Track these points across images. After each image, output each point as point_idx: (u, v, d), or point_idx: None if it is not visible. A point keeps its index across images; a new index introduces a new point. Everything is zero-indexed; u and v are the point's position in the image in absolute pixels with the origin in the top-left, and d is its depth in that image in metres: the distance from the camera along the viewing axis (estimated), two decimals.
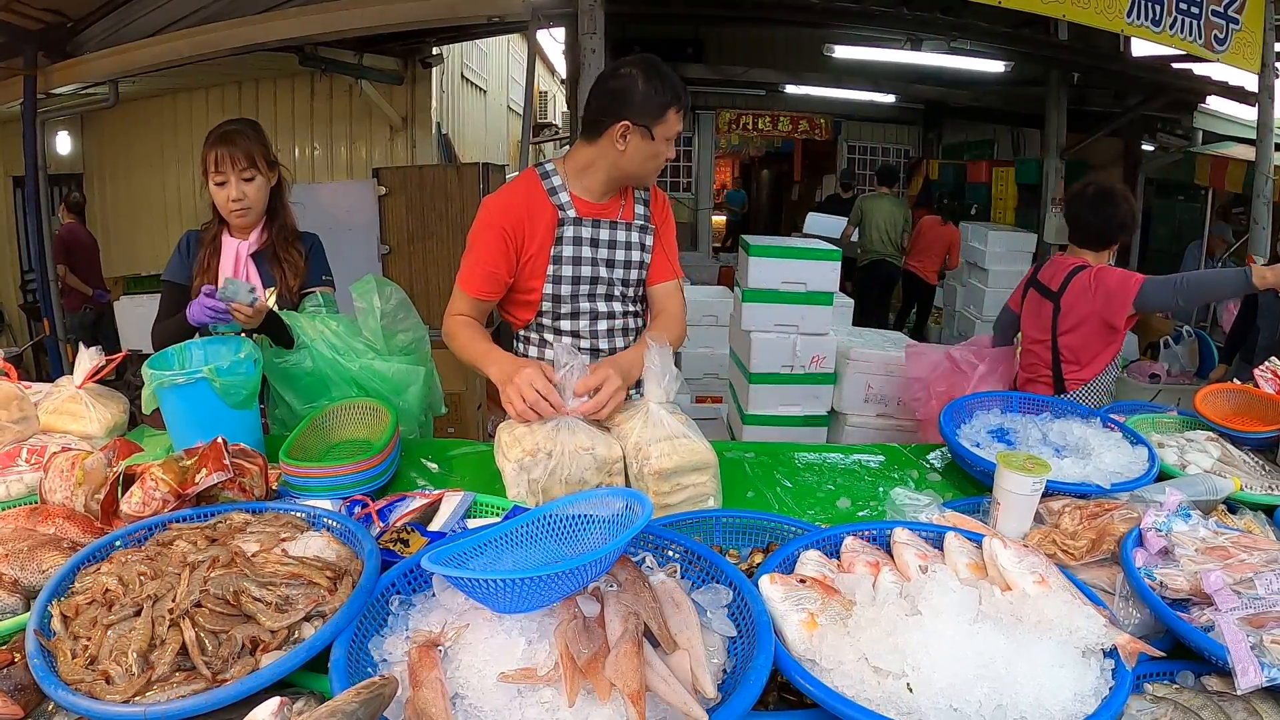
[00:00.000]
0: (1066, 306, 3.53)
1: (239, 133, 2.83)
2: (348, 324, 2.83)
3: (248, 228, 2.94)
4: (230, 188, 2.82)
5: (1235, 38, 6.34)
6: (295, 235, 3.03)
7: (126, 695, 1.22)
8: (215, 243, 2.94)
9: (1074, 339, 3.55)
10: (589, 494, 1.60)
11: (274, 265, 2.95)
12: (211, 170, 2.82)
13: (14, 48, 7.22)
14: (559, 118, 16.91)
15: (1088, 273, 3.47)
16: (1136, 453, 2.34)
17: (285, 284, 2.94)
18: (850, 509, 2.30)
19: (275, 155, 2.98)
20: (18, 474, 2.15)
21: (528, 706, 1.21)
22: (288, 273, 2.96)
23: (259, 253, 2.95)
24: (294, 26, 6.91)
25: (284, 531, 1.67)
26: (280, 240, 2.97)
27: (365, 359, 2.78)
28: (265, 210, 2.96)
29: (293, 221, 3.04)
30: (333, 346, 2.75)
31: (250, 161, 2.82)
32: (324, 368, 2.72)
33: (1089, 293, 3.43)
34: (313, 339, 2.74)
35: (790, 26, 11.22)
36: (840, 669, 1.30)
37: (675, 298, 2.76)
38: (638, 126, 2.44)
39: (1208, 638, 1.40)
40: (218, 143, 2.80)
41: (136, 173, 10.20)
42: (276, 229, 2.98)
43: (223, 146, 2.79)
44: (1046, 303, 3.64)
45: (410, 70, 9.67)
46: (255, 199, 2.88)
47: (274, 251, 2.96)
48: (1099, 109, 10.12)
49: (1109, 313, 3.38)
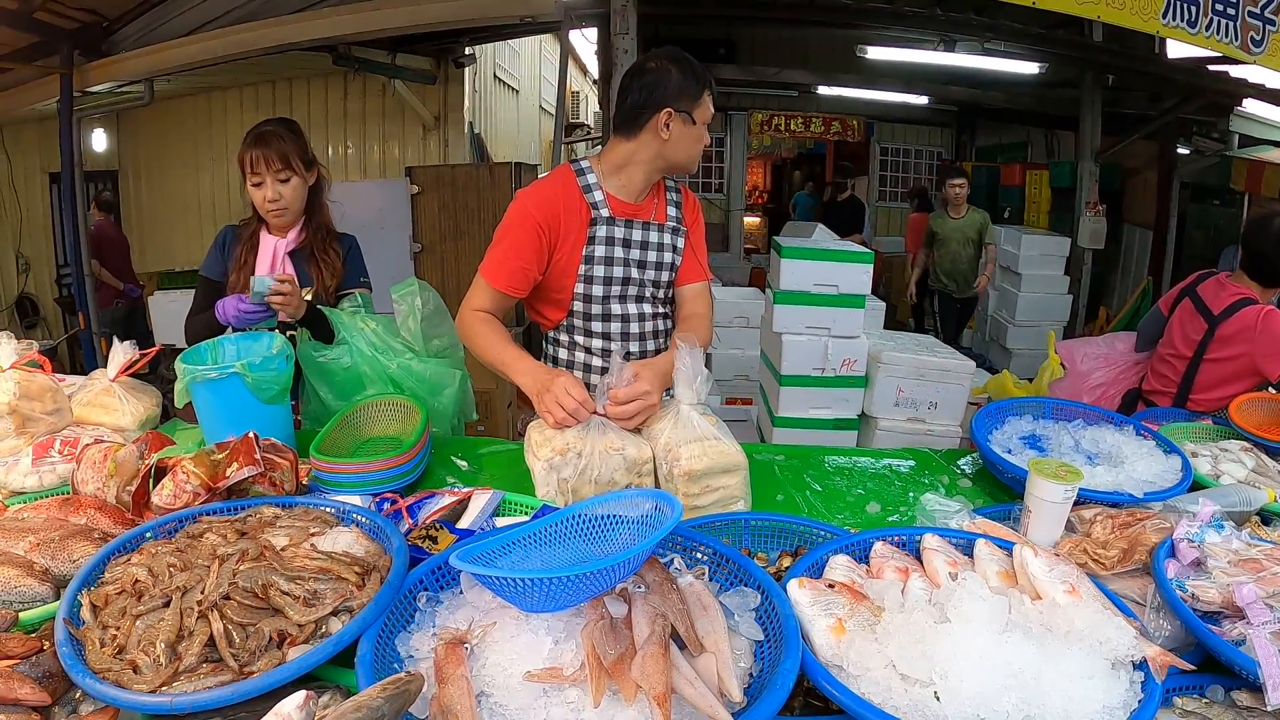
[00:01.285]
0: (1223, 336, 3.39)
1: (275, 134, 2.85)
2: (386, 323, 2.84)
3: (286, 226, 2.96)
4: (266, 188, 2.84)
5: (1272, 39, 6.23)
6: (333, 235, 3.04)
7: (153, 685, 1.24)
8: (253, 239, 2.96)
9: (1217, 370, 3.41)
10: (618, 494, 1.60)
11: (311, 264, 2.97)
12: (248, 171, 2.84)
13: (51, 46, 7.31)
14: (591, 118, 16.91)
15: (1256, 310, 3.32)
16: (1170, 462, 2.32)
17: (322, 283, 2.95)
18: (880, 514, 2.28)
19: (313, 154, 2.99)
20: (50, 465, 2.17)
21: (553, 706, 1.21)
22: (324, 272, 2.97)
23: (296, 251, 2.97)
24: (327, 26, 6.94)
25: (313, 526, 1.68)
26: (317, 240, 2.99)
27: (403, 358, 2.79)
28: (303, 209, 2.98)
29: (330, 221, 3.06)
30: (371, 344, 2.76)
31: (285, 163, 2.84)
32: (362, 364, 2.73)
33: (1251, 332, 3.29)
34: (352, 335, 2.75)
35: (823, 27, 11.15)
36: (867, 675, 1.30)
37: (704, 299, 2.75)
38: (679, 113, 2.46)
39: (1239, 651, 1.38)
40: (254, 144, 2.82)
41: (171, 170, 10.31)
42: (314, 228, 3.00)
43: (258, 148, 2.81)
44: (1201, 321, 3.50)
45: (443, 70, 9.69)
46: (291, 199, 2.90)
47: (311, 250, 2.98)
48: (1134, 112, 10.00)
49: (1265, 359, 3.24)
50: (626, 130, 2.54)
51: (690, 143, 2.53)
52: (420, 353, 2.83)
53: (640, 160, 2.56)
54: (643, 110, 2.48)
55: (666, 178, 2.70)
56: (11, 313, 10.40)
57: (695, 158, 2.59)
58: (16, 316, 10.36)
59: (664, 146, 2.50)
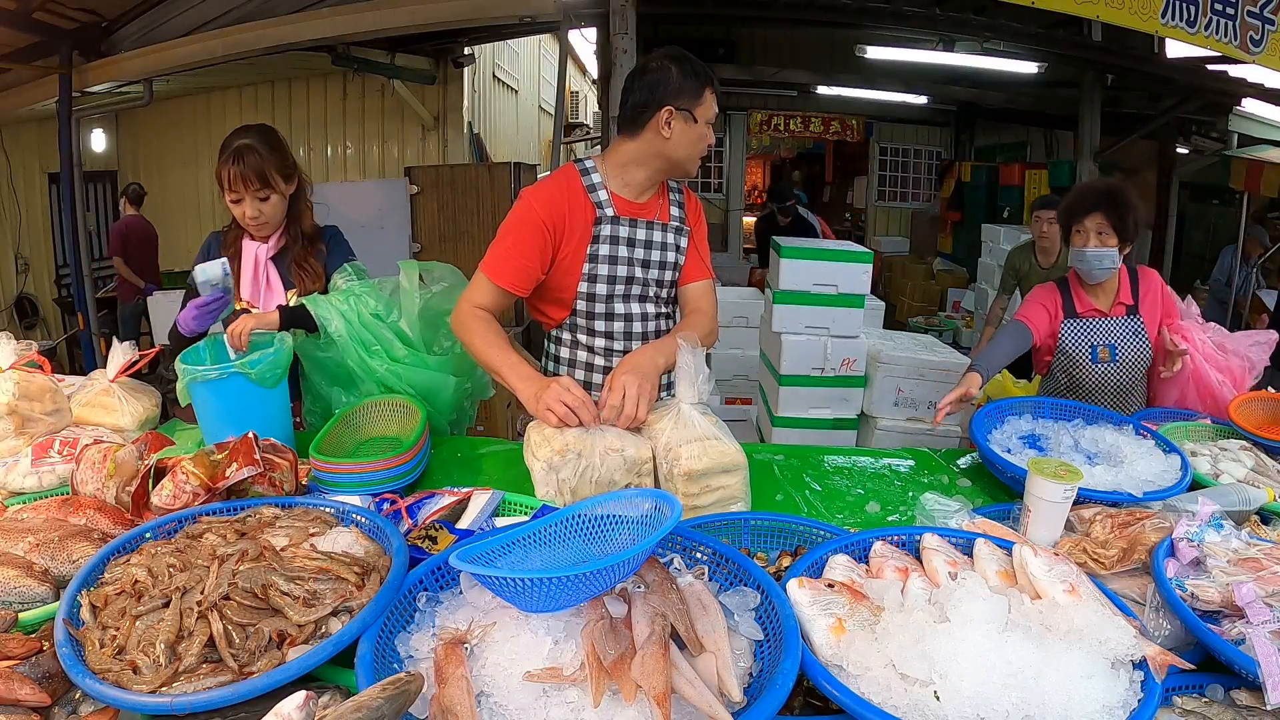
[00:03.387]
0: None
1: (252, 150, 2.78)
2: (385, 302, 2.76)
3: (268, 235, 2.94)
4: (245, 205, 2.80)
5: (1271, 39, 6.22)
6: (315, 238, 3.01)
7: (153, 685, 1.24)
8: (237, 245, 2.94)
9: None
10: (618, 494, 1.60)
11: (293, 268, 2.95)
12: (226, 187, 2.79)
13: (50, 46, 7.32)
14: (590, 118, 16.90)
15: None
16: (1169, 461, 2.32)
17: (304, 287, 2.92)
18: (879, 513, 2.29)
19: (293, 161, 2.94)
20: (50, 465, 2.17)
21: (553, 706, 1.21)
22: (306, 278, 2.94)
23: (278, 255, 2.96)
24: (326, 26, 6.94)
25: (313, 526, 1.68)
26: (299, 245, 2.96)
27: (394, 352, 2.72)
28: (284, 217, 2.95)
29: (311, 225, 3.01)
30: (361, 341, 2.68)
31: (264, 181, 2.79)
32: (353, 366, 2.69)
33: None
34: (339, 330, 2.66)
35: (822, 27, 11.12)
36: (867, 675, 1.30)
37: (708, 297, 2.75)
38: (680, 111, 2.46)
39: (1238, 651, 1.38)
40: (230, 161, 2.76)
41: (170, 170, 10.34)
42: (294, 234, 2.97)
43: (235, 166, 2.75)
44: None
45: (442, 70, 9.70)
46: (272, 214, 2.87)
47: (292, 256, 2.96)
48: (1133, 111, 9.99)
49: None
50: (629, 130, 2.54)
51: (691, 141, 2.53)
52: (418, 347, 2.77)
53: (643, 159, 2.56)
54: (644, 109, 2.48)
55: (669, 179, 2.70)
56: (11, 313, 10.39)
57: (696, 157, 2.59)
58: (15, 317, 10.36)
59: (665, 145, 2.50)
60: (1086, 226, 3.08)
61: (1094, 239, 3.07)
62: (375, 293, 2.76)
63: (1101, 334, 3.19)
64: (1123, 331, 3.18)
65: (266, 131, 2.90)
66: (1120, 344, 3.17)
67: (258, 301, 2.92)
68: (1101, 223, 3.05)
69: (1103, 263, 3.08)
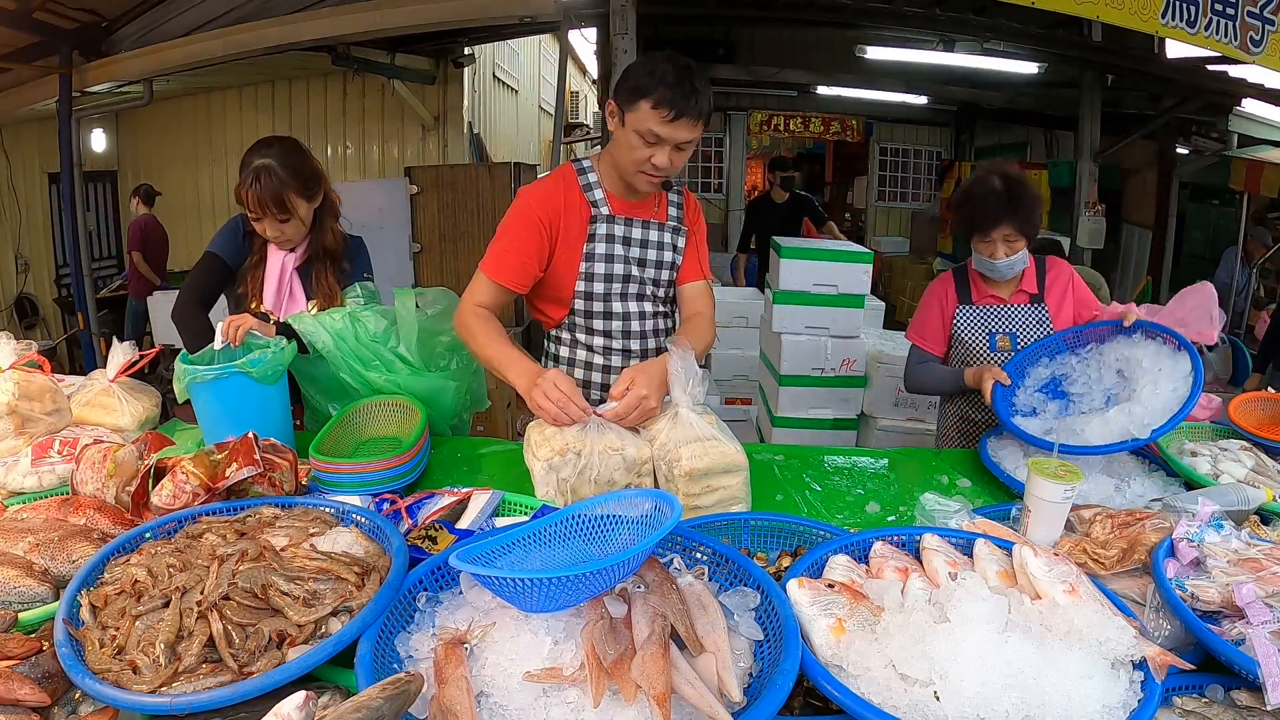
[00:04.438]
0: None
1: (269, 172, 2.68)
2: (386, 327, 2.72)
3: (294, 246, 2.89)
4: (265, 225, 2.75)
5: (1271, 39, 6.21)
6: (338, 256, 2.94)
7: (153, 685, 1.24)
8: (262, 251, 2.90)
9: None
10: (618, 494, 1.60)
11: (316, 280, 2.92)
12: (247, 207, 2.72)
13: (50, 46, 7.32)
14: (590, 118, 16.93)
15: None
16: (1179, 364, 2.41)
17: (323, 302, 2.88)
18: (879, 514, 2.29)
19: (317, 176, 2.84)
20: (50, 465, 2.17)
21: (553, 706, 1.21)
22: (323, 294, 2.89)
23: (303, 266, 2.92)
24: (326, 26, 6.93)
25: (313, 527, 1.68)
26: (320, 261, 2.91)
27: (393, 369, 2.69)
28: (309, 229, 2.88)
29: (334, 241, 2.93)
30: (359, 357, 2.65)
31: (281, 207, 2.70)
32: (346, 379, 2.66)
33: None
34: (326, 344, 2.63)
35: (822, 27, 11.16)
36: (867, 675, 1.30)
37: (705, 298, 2.75)
38: (618, 107, 2.41)
39: (1238, 651, 1.38)
40: (249, 183, 2.67)
41: (170, 170, 10.32)
42: (318, 249, 2.91)
43: (253, 189, 2.66)
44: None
45: (442, 70, 9.70)
46: (294, 233, 2.82)
47: (314, 269, 2.92)
48: (1133, 111, 9.99)
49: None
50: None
51: (623, 147, 2.44)
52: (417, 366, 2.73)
53: (611, 158, 2.55)
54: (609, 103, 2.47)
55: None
56: (10, 313, 10.40)
57: (632, 167, 2.45)
58: (15, 317, 10.36)
59: (612, 144, 2.49)
60: (993, 238, 2.88)
61: (1002, 249, 2.89)
62: (377, 318, 2.72)
63: (1001, 321, 3.03)
64: (1025, 319, 3.02)
65: (288, 151, 2.78)
66: (1022, 332, 3.00)
67: (279, 311, 2.89)
68: (1009, 232, 2.86)
69: (1014, 269, 2.95)
